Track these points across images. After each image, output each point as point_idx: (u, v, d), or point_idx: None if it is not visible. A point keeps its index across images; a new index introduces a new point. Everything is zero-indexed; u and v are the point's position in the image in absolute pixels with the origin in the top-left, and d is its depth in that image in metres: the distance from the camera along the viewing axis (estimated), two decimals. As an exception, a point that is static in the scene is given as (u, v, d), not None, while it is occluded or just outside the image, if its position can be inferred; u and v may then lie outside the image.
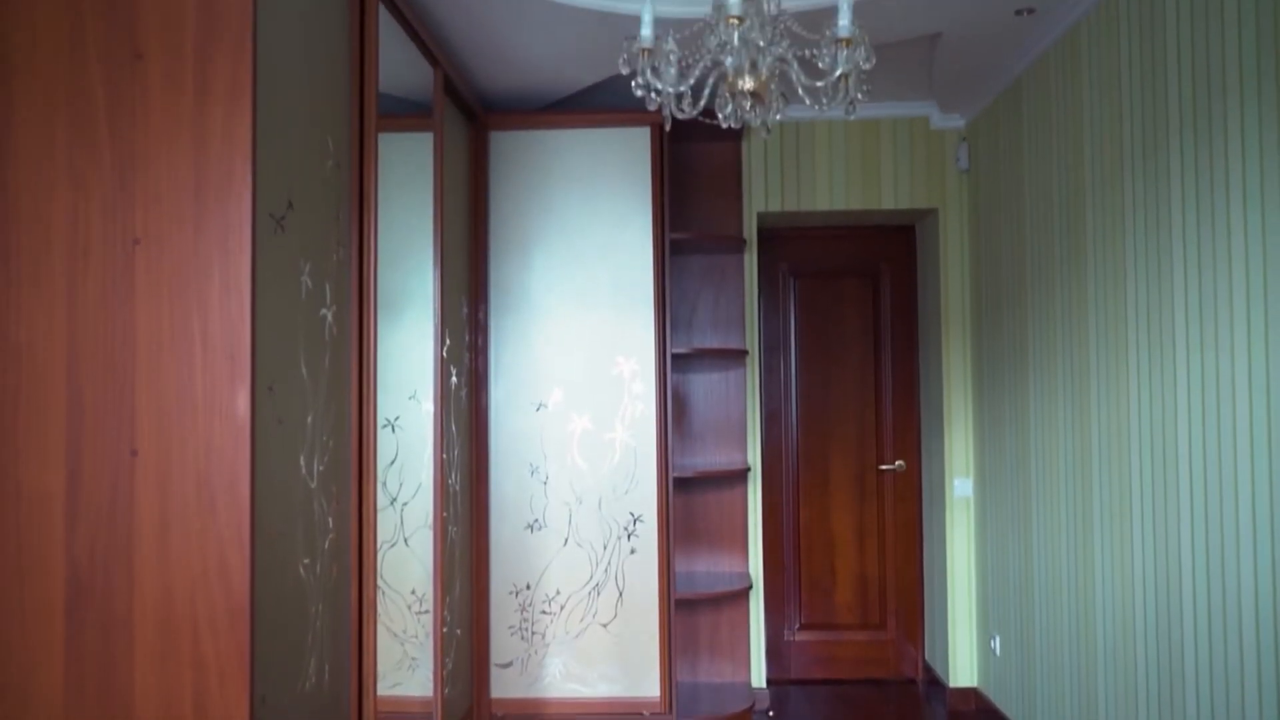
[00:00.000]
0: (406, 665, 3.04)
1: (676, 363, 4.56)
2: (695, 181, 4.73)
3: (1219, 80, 2.52)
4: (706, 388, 4.72)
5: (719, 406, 4.71)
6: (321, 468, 2.34)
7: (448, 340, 3.58)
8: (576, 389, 4.10)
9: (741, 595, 4.57)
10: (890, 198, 4.71)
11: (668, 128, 2.45)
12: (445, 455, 3.50)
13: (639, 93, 2.28)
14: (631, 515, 4.07)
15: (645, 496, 4.07)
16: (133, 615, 1.94)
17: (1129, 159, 3.00)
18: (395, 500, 2.95)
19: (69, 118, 1.98)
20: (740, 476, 4.63)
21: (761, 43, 2.19)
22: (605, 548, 4.07)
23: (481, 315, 4.08)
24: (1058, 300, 3.55)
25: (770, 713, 4.51)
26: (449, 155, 3.67)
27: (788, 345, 5.12)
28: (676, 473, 4.26)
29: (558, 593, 4.08)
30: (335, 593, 2.42)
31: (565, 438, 4.09)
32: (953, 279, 4.69)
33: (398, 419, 2.96)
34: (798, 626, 5.05)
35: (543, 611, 4.08)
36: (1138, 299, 2.94)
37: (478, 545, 4.01)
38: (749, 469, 4.62)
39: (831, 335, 5.10)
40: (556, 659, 4.07)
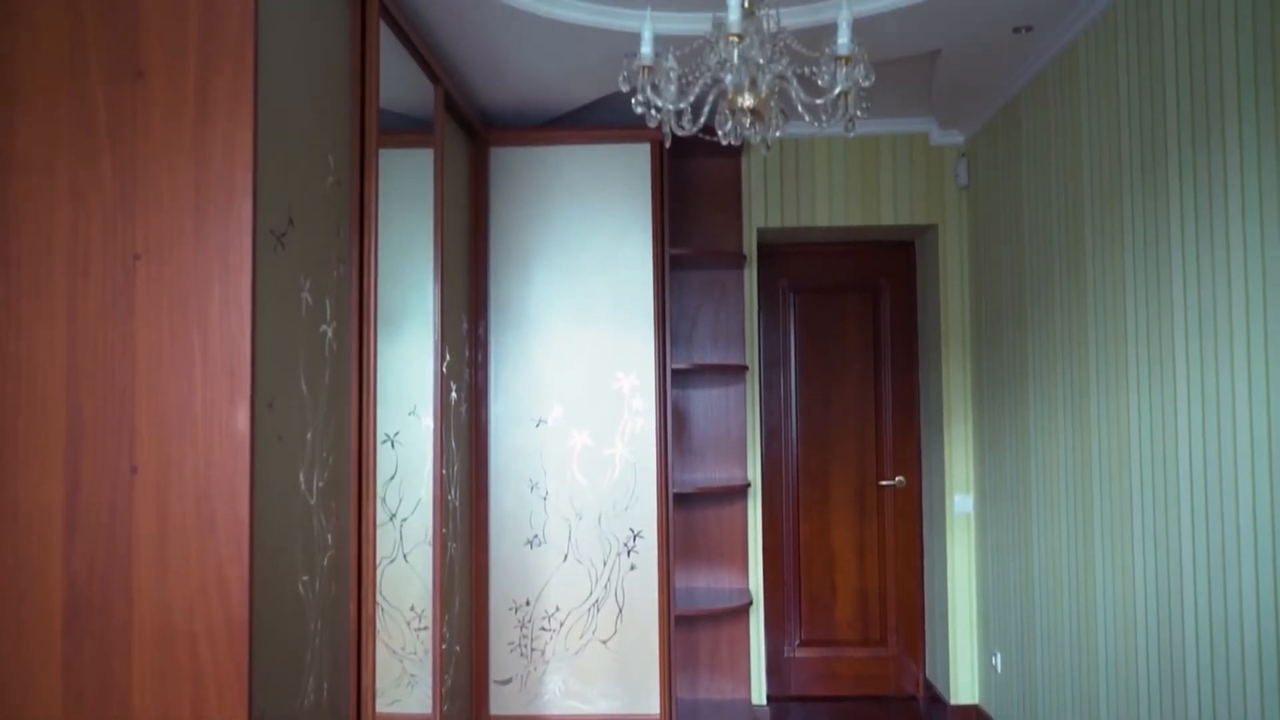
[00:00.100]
0: (405, 682, 3.02)
1: (676, 378, 4.56)
2: (695, 197, 4.75)
3: (1217, 95, 2.53)
4: (706, 403, 4.72)
5: (719, 422, 4.70)
6: (321, 484, 2.33)
7: (448, 356, 3.58)
8: (576, 404, 4.10)
9: (741, 611, 4.55)
10: (890, 214, 4.72)
11: (668, 144, 2.46)
12: (445, 471, 3.49)
13: (639, 110, 2.29)
14: (631, 531, 4.06)
15: (645, 512, 4.06)
16: (131, 630, 1.93)
17: (1128, 174, 3.01)
18: (395, 516, 2.95)
19: (71, 134, 1.99)
20: (740, 492, 4.63)
21: (761, 60, 2.21)
22: (605, 564, 4.06)
23: (481, 331, 4.08)
24: (1057, 315, 3.55)
25: (771, 730, 4.49)
26: (449, 171, 3.68)
27: (788, 361, 5.12)
28: (676, 488, 4.25)
29: (557, 609, 4.06)
30: (334, 609, 2.41)
31: (565, 453, 4.09)
32: (952, 294, 4.70)
33: (397, 434, 2.96)
34: (798, 643, 5.03)
35: (542, 628, 4.06)
36: (1137, 313, 2.95)
37: (477, 561, 4.00)
38: (749, 485, 4.61)
39: (831, 351, 5.11)
40: (556, 676, 4.05)
